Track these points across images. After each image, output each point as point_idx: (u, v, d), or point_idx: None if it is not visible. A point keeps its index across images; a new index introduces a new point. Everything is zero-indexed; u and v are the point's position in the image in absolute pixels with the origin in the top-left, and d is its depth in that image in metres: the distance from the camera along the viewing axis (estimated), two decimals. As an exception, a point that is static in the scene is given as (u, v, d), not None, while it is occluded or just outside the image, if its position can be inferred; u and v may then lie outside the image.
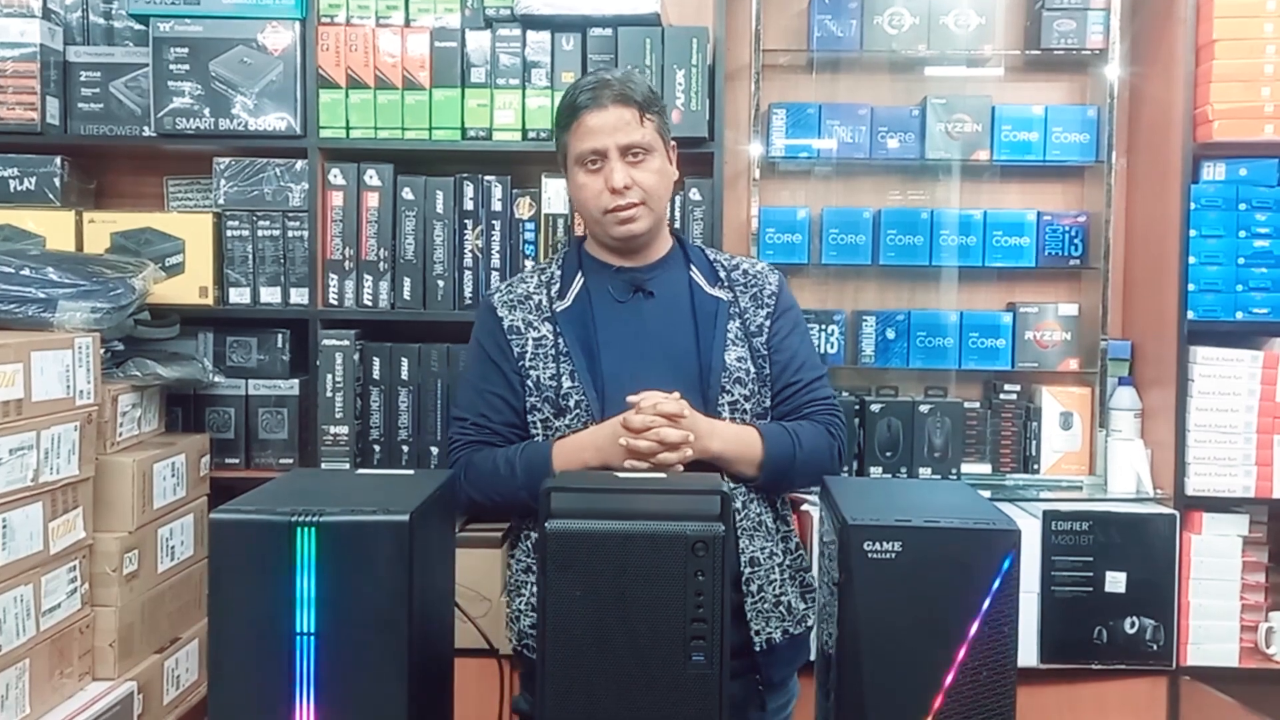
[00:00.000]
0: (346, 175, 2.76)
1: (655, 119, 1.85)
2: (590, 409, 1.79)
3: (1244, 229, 2.77)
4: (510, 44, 2.74)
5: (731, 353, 1.84)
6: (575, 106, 1.82)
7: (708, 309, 1.88)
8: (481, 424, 1.87)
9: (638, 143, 1.82)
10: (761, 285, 1.93)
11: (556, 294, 1.90)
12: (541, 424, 1.84)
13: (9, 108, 2.71)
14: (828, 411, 1.90)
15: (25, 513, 1.99)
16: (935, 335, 3.01)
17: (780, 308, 1.92)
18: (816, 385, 1.91)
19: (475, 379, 1.91)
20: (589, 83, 1.85)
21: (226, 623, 1.30)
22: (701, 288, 1.90)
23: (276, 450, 2.79)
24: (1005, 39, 3.05)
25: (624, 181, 1.80)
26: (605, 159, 1.82)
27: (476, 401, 1.89)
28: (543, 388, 1.83)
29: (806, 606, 1.90)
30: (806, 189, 3.12)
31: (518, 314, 1.89)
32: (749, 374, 1.85)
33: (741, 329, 1.87)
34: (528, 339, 1.86)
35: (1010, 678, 1.34)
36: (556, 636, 1.30)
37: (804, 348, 1.94)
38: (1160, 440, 2.85)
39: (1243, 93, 2.70)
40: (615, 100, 1.81)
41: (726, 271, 1.93)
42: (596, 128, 1.81)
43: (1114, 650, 2.71)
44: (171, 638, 2.44)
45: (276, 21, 2.70)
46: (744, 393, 1.84)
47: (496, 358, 1.88)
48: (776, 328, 1.91)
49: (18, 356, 1.96)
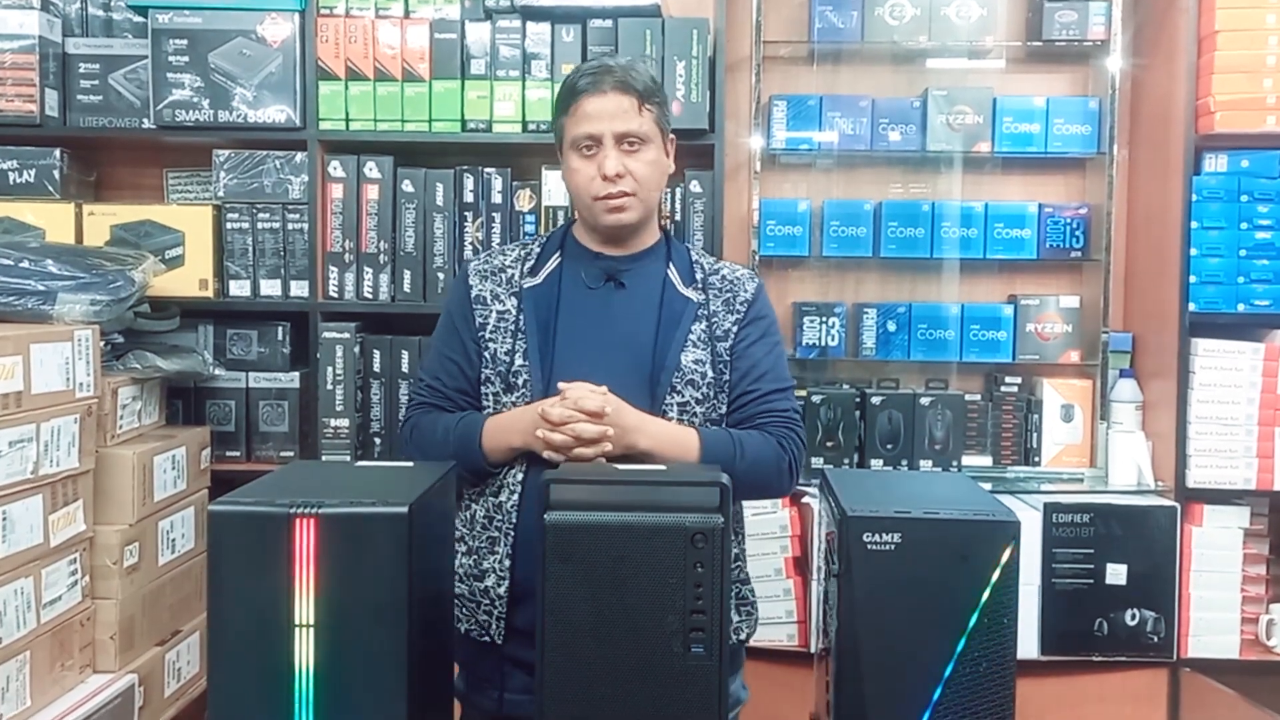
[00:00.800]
0: (346, 167, 2.76)
1: (655, 110, 1.84)
2: (535, 389, 1.78)
3: (1246, 221, 2.77)
4: (510, 35, 2.73)
5: (689, 354, 1.81)
6: (575, 90, 1.81)
7: (675, 308, 1.85)
8: (436, 387, 1.87)
9: (634, 131, 1.80)
10: (736, 291, 1.89)
11: (529, 270, 1.89)
12: (492, 397, 1.83)
13: (8, 100, 2.70)
14: (784, 424, 1.83)
15: (25, 505, 1.99)
16: (936, 327, 3.00)
17: (751, 315, 1.88)
18: (775, 397, 1.85)
19: (439, 343, 1.91)
20: (591, 67, 1.83)
21: (225, 614, 1.30)
22: (675, 286, 1.87)
23: (277, 443, 2.79)
24: (1007, 30, 3.04)
25: (617, 169, 1.79)
26: (600, 145, 1.80)
27: (436, 365, 1.89)
28: (496, 361, 1.82)
29: (740, 619, 1.87)
30: (807, 181, 3.11)
31: (488, 285, 1.88)
32: (704, 377, 1.81)
33: (707, 331, 1.84)
34: (491, 310, 1.86)
35: (1010, 669, 1.34)
36: (556, 627, 1.30)
37: (769, 358, 1.88)
38: (1161, 432, 2.85)
39: (1245, 84, 2.69)
40: (615, 87, 1.79)
41: (705, 274, 1.91)
42: (594, 113, 1.79)
43: (1115, 642, 2.71)
44: (172, 630, 2.45)
45: (276, 13, 2.70)
46: (696, 395, 1.80)
47: (459, 324, 1.88)
48: (743, 334, 1.87)
49: (17, 349, 1.96)
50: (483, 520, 1.81)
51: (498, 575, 1.78)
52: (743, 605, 1.89)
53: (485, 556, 1.79)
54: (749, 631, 1.90)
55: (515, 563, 1.77)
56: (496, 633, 1.78)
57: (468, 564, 1.82)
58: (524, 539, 1.77)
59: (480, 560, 1.80)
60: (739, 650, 1.92)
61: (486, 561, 1.79)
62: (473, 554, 1.81)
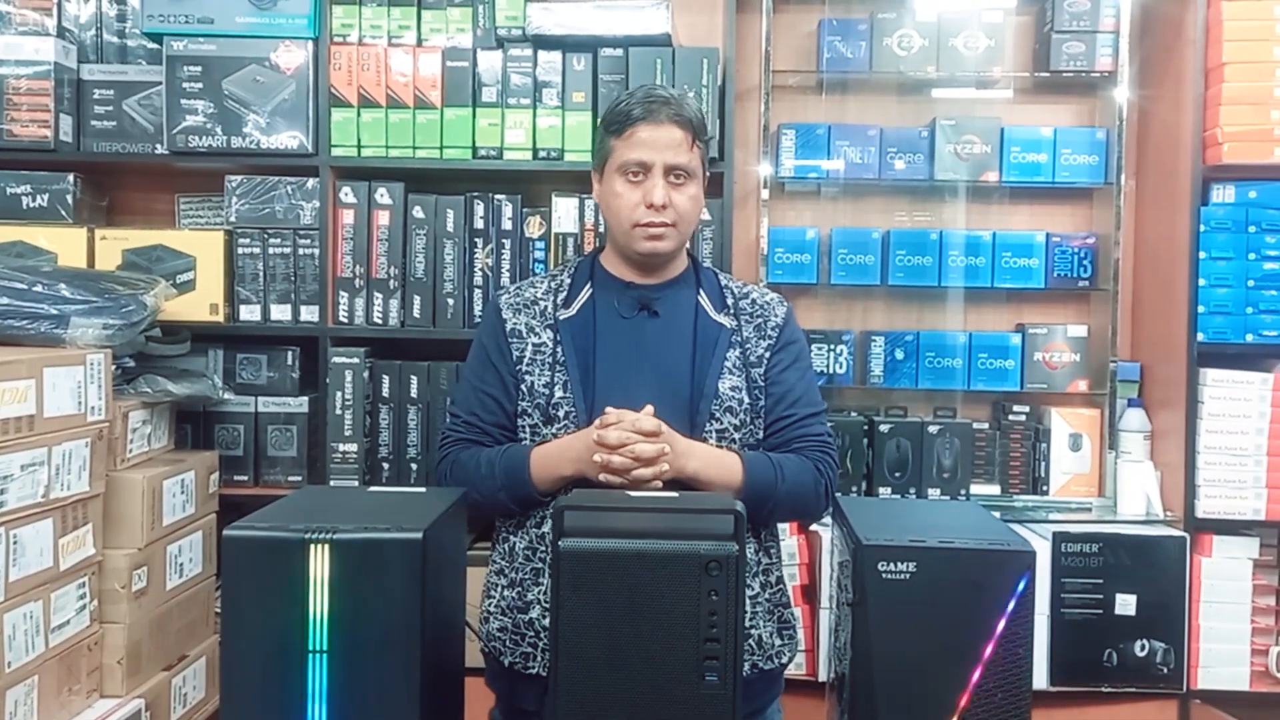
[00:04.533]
0: (357, 193, 2.77)
1: (702, 147, 1.86)
2: (578, 421, 1.79)
3: (1254, 251, 2.77)
4: (522, 64, 2.75)
5: (726, 381, 1.83)
6: (630, 116, 1.82)
7: (710, 335, 1.87)
8: (473, 422, 1.87)
9: (683, 165, 1.82)
10: (767, 316, 1.92)
11: (563, 302, 1.89)
12: (530, 429, 1.83)
13: (23, 125, 2.73)
14: (819, 448, 1.87)
15: (36, 529, 1.99)
16: (944, 356, 3.00)
17: (783, 340, 1.91)
18: (810, 421, 1.89)
19: (473, 377, 1.91)
20: (646, 95, 1.84)
21: (239, 639, 1.30)
22: (707, 313, 1.89)
23: (285, 467, 2.79)
24: (1014, 61, 3.06)
25: (663, 200, 1.80)
26: (648, 173, 1.81)
27: (471, 400, 1.89)
28: (535, 394, 1.82)
29: (783, 643, 1.87)
30: (815, 209, 3.12)
31: (522, 318, 1.88)
32: (741, 404, 1.83)
33: (741, 358, 1.86)
34: (528, 344, 1.86)
35: (1025, 700, 1.34)
36: (570, 655, 1.30)
37: (802, 383, 1.91)
38: (1170, 462, 2.85)
39: (1252, 115, 2.71)
40: (671, 119, 1.81)
41: (735, 299, 1.93)
42: (648, 140, 1.80)
43: (1124, 673, 2.69)
44: (179, 655, 2.44)
45: (289, 41, 2.72)
46: (734, 422, 1.82)
47: (495, 359, 1.87)
48: (776, 360, 1.89)
49: (30, 372, 1.97)
50: (525, 552, 1.81)
51: (543, 606, 1.77)
52: (785, 629, 1.89)
53: (529, 588, 1.79)
54: (790, 655, 1.90)
55: None
56: (542, 664, 1.77)
57: (511, 596, 1.82)
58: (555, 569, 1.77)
59: (524, 592, 1.80)
60: (779, 674, 1.91)
61: (531, 593, 1.79)
62: (515, 586, 1.81)
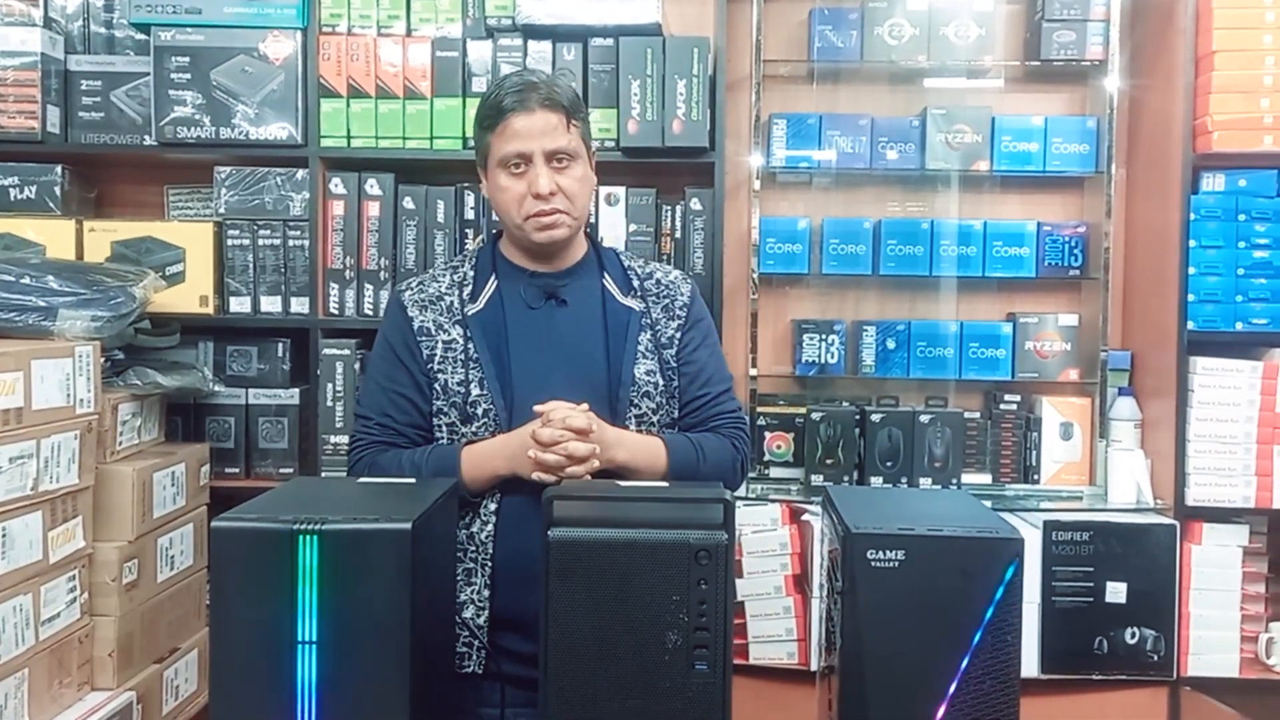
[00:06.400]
0: (347, 184, 2.76)
1: (580, 125, 1.85)
2: (498, 418, 1.79)
3: (1243, 240, 2.78)
4: (512, 54, 2.74)
5: (641, 366, 1.84)
6: (501, 108, 1.80)
7: (620, 319, 1.87)
8: (386, 424, 1.84)
9: (563, 149, 1.81)
10: (674, 296, 1.92)
11: (469, 296, 1.87)
12: (447, 428, 1.83)
13: (10, 116, 2.71)
14: (733, 424, 1.90)
15: (25, 521, 1.98)
16: (935, 345, 3.01)
17: (691, 319, 1.92)
18: (723, 398, 1.91)
19: (382, 378, 1.87)
20: (514, 84, 1.82)
21: (228, 631, 1.30)
22: (614, 296, 1.89)
23: (276, 460, 2.79)
24: (1005, 50, 3.06)
25: (549, 187, 1.79)
26: (530, 163, 1.80)
27: (382, 401, 1.86)
28: (450, 393, 1.81)
29: None
30: (807, 199, 3.12)
31: (429, 314, 1.86)
32: (657, 387, 1.84)
33: (652, 340, 1.87)
34: (437, 341, 1.84)
35: (1014, 687, 1.34)
36: (559, 644, 1.30)
37: (712, 360, 1.93)
38: (1160, 450, 2.85)
39: (1242, 104, 2.71)
40: (542, 104, 1.79)
41: (640, 280, 1.92)
42: (523, 131, 1.79)
43: (1114, 661, 2.70)
44: (171, 648, 2.44)
45: (278, 31, 2.71)
46: (651, 406, 1.83)
47: (405, 358, 1.85)
48: (686, 339, 1.90)
49: (18, 365, 1.96)
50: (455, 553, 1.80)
51: (477, 606, 1.77)
52: None
53: (461, 588, 1.78)
54: None
55: (495, 591, 1.78)
56: (477, 662, 1.77)
57: None
58: (502, 567, 1.77)
59: (456, 593, 1.78)
60: None
61: (464, 593, 1.78)
62: None
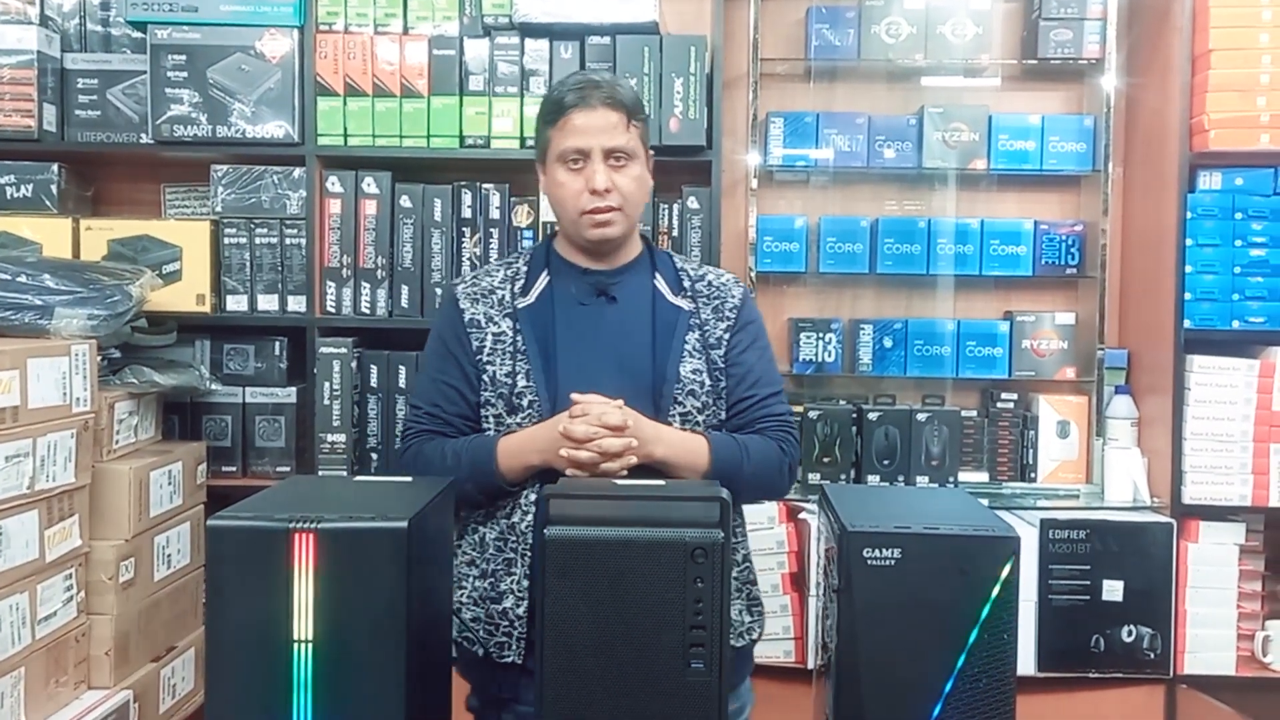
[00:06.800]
0: (344, 183, 2.76)
1: (639, 126, 1.86)
2: (542, 409, 1.79)
3: (1240, 238, 2.78)
4: (508, 52, 2.74)
5: (687, 364, 1.84)
6: (563, 104, 1.82)
7: (668, 318, 1.87)
8: (435, 414, 1.86)
9: (622, 147, 1.82)
10: (724, 297, 1.92)
11: (520, 290, 1.89)
12: (494, 419, 1.84)
13: (6, 115, 2.70)
14: (781, 428, 1.88)
15: (21, 520, 1.98)
16: (932, 344, 3.01)
17: (741, 321, 1.91)
18: (771, 401, 1.90)
19: (433, 369, 1.90)
20: (577, 81, 1.84)
21: (224, 629, 1.30)
22: (664, 296, 1.89)
23: (273, 458, 2.78)
24: (1002, 48, 3.06)
25: (605, 184, 1.80)
26: (588, 159, 1.81)
27: (432, 391, 1.88)
28: (498, 384, 1.82)
29: (752, 620, 1.89)
30: (804, 198, 3.12)
31: (480, 308, 1.88)
32: (703, 386, 1.84)
33: (700, 340, 1.86)
34: (487, 333, 1.85)
35: (1010, 686, 1.34)
36: (555, 642, 1.30)
37: (761, 363, 1.92)
38: (1157, 449, 2.86)
39: (1239, 102, 2.71)
40: (604, 102, 1.81)
41: (692, 281, 1.92)
42: (583, 127, 1.80)
43: (1111, 659, 2.71)
44: (167, 646, 2.43)
45: (275, 29, 2.70)
46: (696, 404, 1.83)
47: (455, 350, 1.87)
48: (735, 341, 1.89)
49: (14, 363, 1.96)
50: (495, 543, 1.81)
51: (516, 596, 1.78)
52: (754, 606, 1.91)
53: (502, 579, 1.79)
54: (759, 631, 1.91)
55: (534, 582, 1.77)
56: (517, 652, 1.77)
57: (483, 587, 1.81)
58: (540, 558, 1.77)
59: (497, 583, 1.80)
60: (749, 652, 1.93)
61: (504, 583, 1.79)
62: (488, 577, 1.81)
